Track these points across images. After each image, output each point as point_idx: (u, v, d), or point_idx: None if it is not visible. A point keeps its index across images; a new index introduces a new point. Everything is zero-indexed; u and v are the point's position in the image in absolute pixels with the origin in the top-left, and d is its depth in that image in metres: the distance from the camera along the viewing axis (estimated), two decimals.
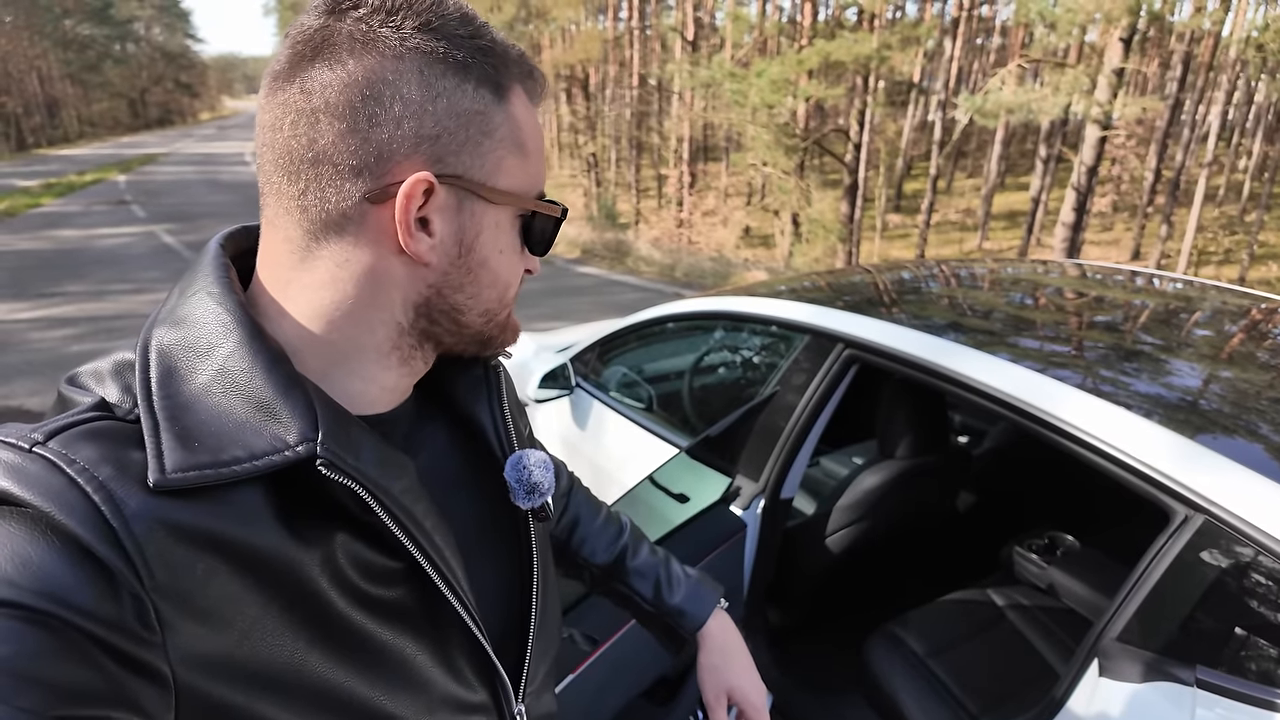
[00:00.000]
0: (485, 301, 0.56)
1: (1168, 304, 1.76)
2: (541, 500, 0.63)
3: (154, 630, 0.40)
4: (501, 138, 0.51)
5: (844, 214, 16.27)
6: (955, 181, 31.01)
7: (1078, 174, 11.60)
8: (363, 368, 0.54)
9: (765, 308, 1.82)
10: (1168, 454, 1.08)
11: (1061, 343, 1.49)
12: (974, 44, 28.30)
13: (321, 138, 0.47)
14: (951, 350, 1.39)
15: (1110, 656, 1.08)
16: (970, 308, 1.73)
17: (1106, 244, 23.10)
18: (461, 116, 0.49)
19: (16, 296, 7.52)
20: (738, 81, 13.96)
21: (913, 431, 1.78)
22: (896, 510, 1.74)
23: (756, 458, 1.69)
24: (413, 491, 0.52)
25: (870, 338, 1.53)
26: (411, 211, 0.48)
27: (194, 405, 0.45)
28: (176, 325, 0.49)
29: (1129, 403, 1.18)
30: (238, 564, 0.43)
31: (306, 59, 0.48)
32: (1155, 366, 1.34)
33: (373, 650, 0.49)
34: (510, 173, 0.53)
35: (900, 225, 25.53)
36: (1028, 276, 2.01)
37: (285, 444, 0.45)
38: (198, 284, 0.51)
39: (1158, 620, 1.06)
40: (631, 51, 24.61)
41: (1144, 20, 9.90)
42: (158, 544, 0.40)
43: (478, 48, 0.50)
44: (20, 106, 40.96)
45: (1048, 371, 1.28)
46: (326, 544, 0.47)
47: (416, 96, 0.48)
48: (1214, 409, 1.19)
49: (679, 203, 21.64)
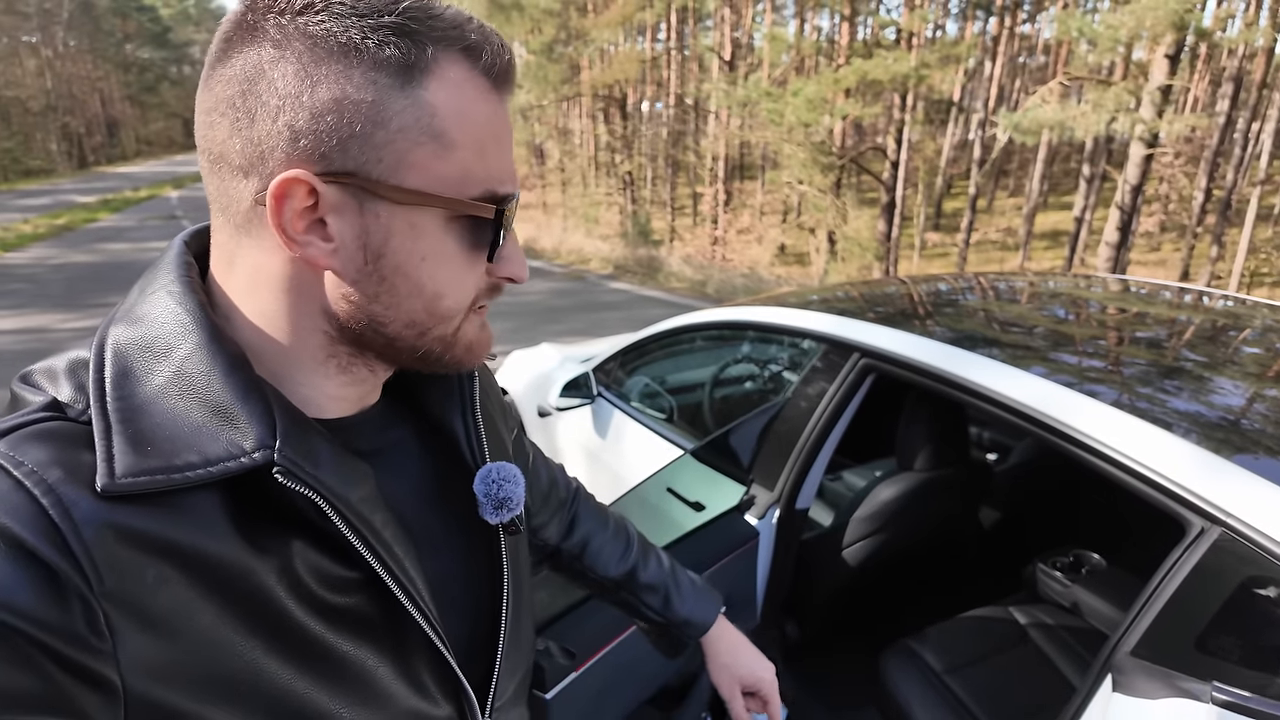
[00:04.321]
0: (409, 313, 0.50)
1: (1193, 317, 1.71)
2: (510, 515, 0.60)
3: (103, 637, 0.39)
4: (402, 128, 0.45)
5: (881, 232, 16.16)
6: (997, 200, 30.57)
7: (1122, 192, 11.36)
8: (304, 375, 0.51)
9: (784, 317, 1.82)
10: (1185, 465, 1.05)
11: (1080, 355, 1.46)
12: (1017, 62, 27.99)
13: (216, 135, 0.45)
14: (968, 360, 1.37)
15: (1124, 672, 1.05)
16: (990, 319, 1.70)
17: (1153, 264, 22.53)
18: (345, 106, 0.43)
19: (67, 307, 7.83)
20: (774, 100, 13.99)
21: (931, 444, 1.75)
22: (915, 523, 1.72)
23: (772, 467, 1.68)
24: (371, 500, 0.50)
25: (887, 347, 1.52)
26: (286, 214, 0.44)
27: (149, 408, 0.44)
28: (134, 324, 0.47)
29: (1147, 414, 1.15)
30: (191, 571, 0.42)
31: (216, 55, 0.45)
32: (1175, 379, 1.31)
33: (333, 661, 0.48)
34: (422, 168, 0.46)
35: (939, 244, 25.23)
36: (1053, 289, 1.97)
37: (241, 450, 0.44)
38: (158, 282, 0.49)
39: (1173, 635, 1.03)
40: (669, 72, 24.81)
41: (1191, 37, 9.68)
42: (107, 549, 0.39)
43: (379, 25, 0.44)
44: (83, 126, 42.75)
45: (1063, 382, 1.26)
46: (283, 551, 0.46)
47: (291, 88, 0.43)
48: (1233, 421, 1.16)
49: (714, 220, 21.66)
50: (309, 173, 0.44)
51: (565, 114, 26.61)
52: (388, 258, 0.47)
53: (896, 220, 16.27)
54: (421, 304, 0.50)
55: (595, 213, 21.50)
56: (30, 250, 11.97)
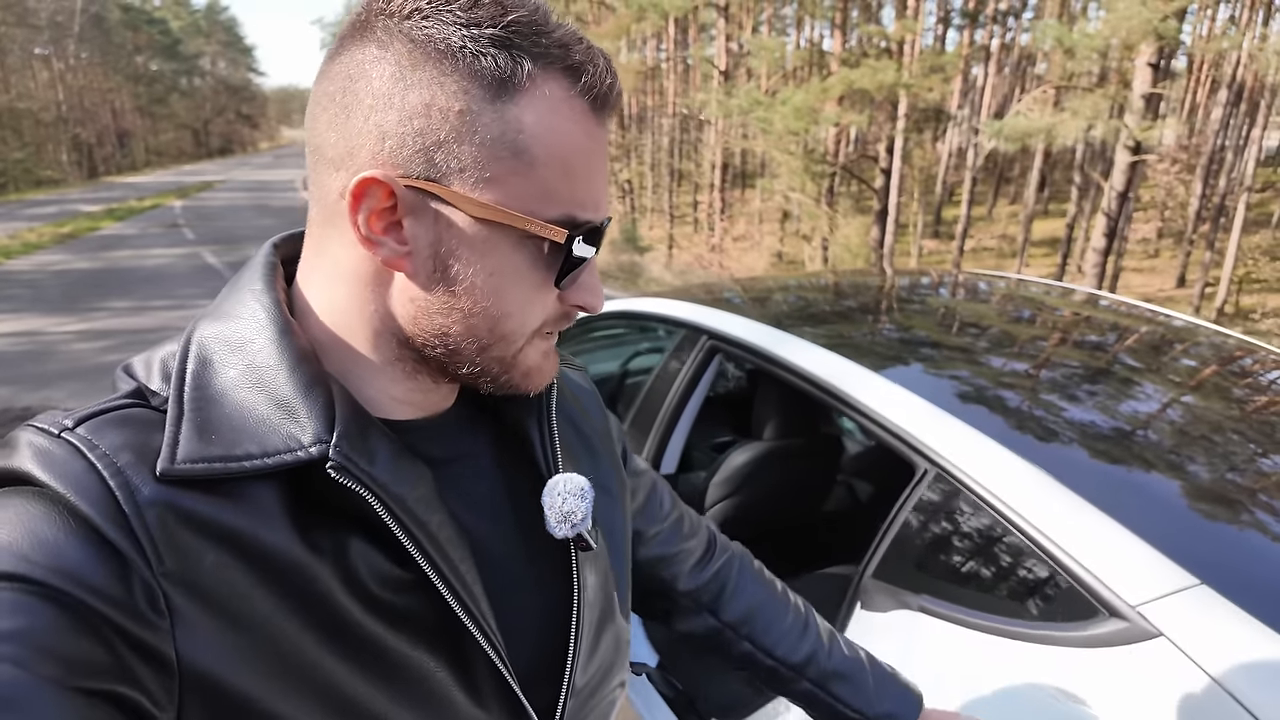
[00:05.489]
0: (471, 328, 0.50)
1: (987, 301, 1.96)
2: (576, 530, 0.57)
3: (163, 615, 0.40)
4: (488, 141, 0.45)
5: (875, 239, 16.34)
6: (997, 207, 30.70)
7: (1109, 199, 11.52)
8: (370, 374, 0.52)
9: (655, 307, 2.02)
10: (917, 418, 1.24)
11: (874, 334, 1.69)
12: (1019, 70, 28.14)
13: (317, 127, 0.48)
14: (780, 338, 1.57)
15: (867, 592, 1.23)
16: (821, 306, 1.95)
17: (1150, 271, 22.62)
18: (433, 112, 0.44)
19: (67, 311, 8.10)
20: (764, 109, 14.23)
21: (779, 416, 1.95)
22: (765, 487, 1.90)
23: (640, 437, 1.88)
24: (428, 502, 0.50)
25: (725, 329, 1.72)
26: (363, 212, 0.46)
27: (221, 399, 0.46)
28: (219, 319, 0.49)
29: (899, 378, 1.34)
30: (248, 559, 0.43)
31: (330, 52, 0.48)
32: (937, 352, 1.54)
33: (389, 660, 0.48)
34: (501, 183, 0.45)
35: (936, 251, 25.34)
36: (898, 283, 2.20)
37: (299, 443, 0.45)
38: (244, 280, 0.52)
39: (898, 558, 1.22)
40: (668, 81, 25.12)
41: (1157, 45, 9.85)
42: (169, 531, 0.41)
43: (481, 35, 0.44)
44: (94, 137, 43.36)
45: (846, 355, 1.45)
46: (339, 547, 0.47)
47: (385, 88, 0.44)
48: (970, 384, 1.36)
49: (711, 227, 21.90)
50: (391, 174, 0.45)
51: None
52: (457, 268, 0.47)
53: (890, 227, 16.44)
54: (485, 320, 0.49)
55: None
56: (34, 257, 12.29)
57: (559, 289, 0.51)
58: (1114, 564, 0.96)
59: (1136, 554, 0.97)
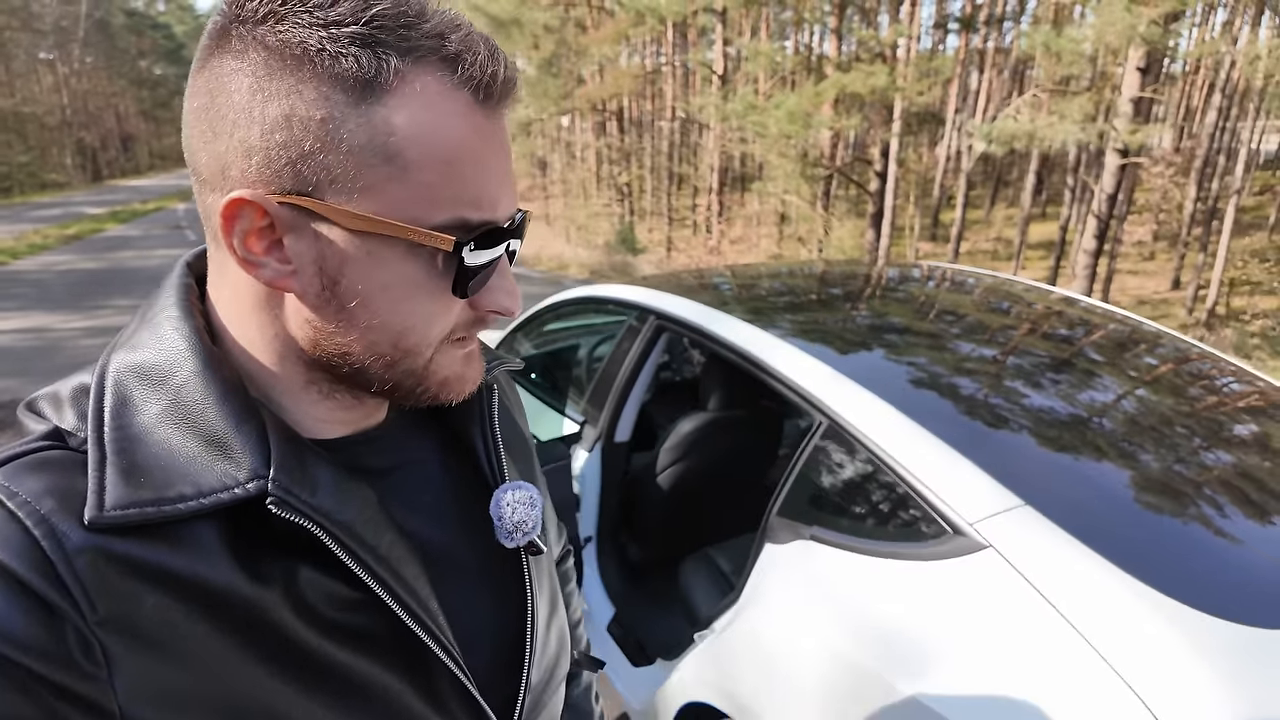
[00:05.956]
0: (372, 345, 0.47)
1: (903, 287, 2.19)
2: (526, 539, 0.58)
3: (99, 665, 0.39)
4: (356, 149, 0.42)
5: (870, 242, 16.53)
6: (995, 210, 30.89)
7: (1098, 201, 11.71)
8: (289, 399, 0.50)
9: (613, 292, 2.22)
10: (817, 378, 1.44)
11: (791, 310, 1.92)
12: (1017, 75, 28.33)
13: (191, 145, 0.45)
14: (715, 317, 1.77)
15: (773, 527, 1.42)
16: (756, 290, 2.18)
17: (1146, 274, 22.79)
18: (294, 123, 0.41)
19: (73, 309, 8.33)
20: (758, 114, 14.44)
21: (723, 389, 2.14)
22: (711, 453, 2.09)
23: (597, 409, 2.07)
24: (376, 524, 0.49)
25: (669, 310, 1.92)
26: (237, 234, 0.44)
27: (146, 437, 0.44)
28: (134, 350, 0.47)
29: (806, 347, 1.54)
30: (191, 599, 0.42)
31: (194, 64, 0.45)
32: (844, 325, 1.77)
33: (352, 683, 0.47)
34: (376, 191, 0.43)
35: (931, 254, 25.54)
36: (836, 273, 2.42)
37: (235, 480, 0.44)
38: (157, 306, 0.49)
39: (797, 498, 1.41)
40: (667, 86, 25.36)
41: (1146, 49, 10.04)
42: (101, 578, 0.40)
43: (339, 35, 0.41)
44: (98, 140, 43.71)
45: (768, 330, 1.65)
46: (289, 577, 0.46)
47: (245, 101, 0.41)
48: (866, 351, 1.57)
49: (709, 230, 22.11)
50: (260, 193, 0.42)
51: (570, 128, 27.19)
52: (345, 285, 0.45)
53: (885, 230, 16.62)
54: (385, 336, 0.47)
55: (593, 223, 22.01)
56: (40, 258, 12.53)
57: (461, 297, 0.48)
58: (957, 490, 1.16)
59: (975, 482, 1.16)
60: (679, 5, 15.48)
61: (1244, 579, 1.09)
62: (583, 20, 21.36)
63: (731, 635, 1.42)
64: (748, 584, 1.43)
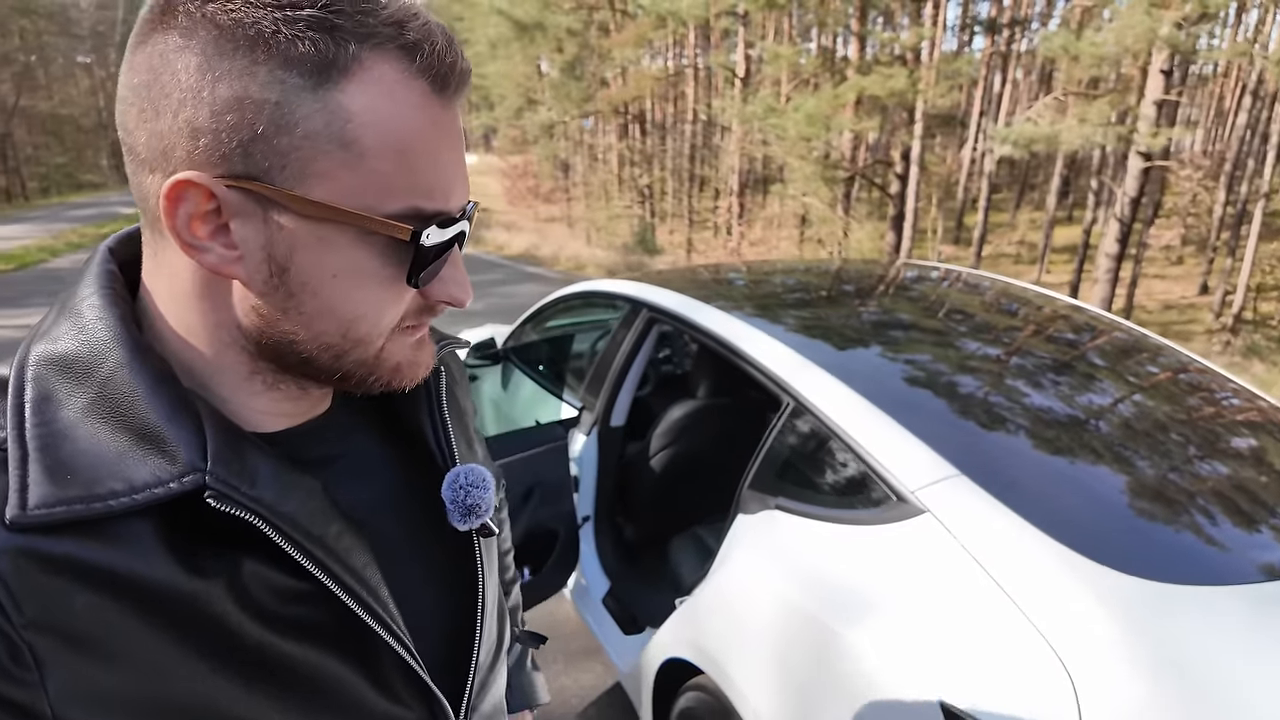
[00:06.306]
0: (321, 334, 0.46)
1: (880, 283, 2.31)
2: (480, 521, 0.58)
3: (28, 668, 0.38)
4: (311, 134, 0.41)
5: (891, 244, 16.54)
6: (1021, 214, 30.64)
7: (1121, 205, 11.66)
8: (230, 390, 0.49)
9: (608, 286, 2.38)
10: (785, 363, 1.57)
11: (773, 302, 2.04)
12: (1045, 77, 28.09)
13: (126, 122, 0.43)
14: (699, 307, 1.90)
15: (744, 500, 1.55)
16: (740, 285, 2.31)
17: (1173, 279, 22.51)
18: (246, 106, 0.40)
19: None
20: (778, 116, 14.52)
21: (709, 378, 2.28)
22: (699, 438, 2.22)
23: (594, 395, 2.21)
24: (322, 513, 0.49)
25: (658, 302, 2.06)
26: (181, 218, 0.42)
27: (71, 433, 0.42)
28: (55, 341, 0.45)
29: (778, 335, 1.67)
30: (126, 597, 0.41)
31: (133, 39, 0.43)
32: (816, 316, 1.91)
33: (298, 673, 0.47)
34: (329, 178, 0.42)
35: (955, 256, 25.41)
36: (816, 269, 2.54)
37: (170, 475, 0.42)
38: (78, 295, 0.47)
39: (765, 472, 1.54)
40: (689, 88, 25.47)
41: (1169, 52, 10.00)
42: (27, 579, 0.38)
43: (296, 18, 0.40)
44: None
45: (742, 318, 1.78)
46: (231, 570, 0.44)
47: (192, 81, 0.40)
48: (833, 339, 1.70)
49: (728, 231, 22.21)
50: (207, 175, 0.41)
51: (593, 131, 27.42)
52: (294, 272, 0.44)
53: (906, 233, 16.60)
54: (334, 325, 0.46)
55: (614, 225, 22.18)
56: (77, 256, 12.94)
57: (414, 286, 0.47)
58: (901, 461, 1.28)
59: (917, 454, 1.28)
60: (700, 8, 15.60)
61: (1153, 539, 1.21)
62: (605, 23, 21.56)
63: (704, 597, 1.56)
64: (720, 551, 1.56)
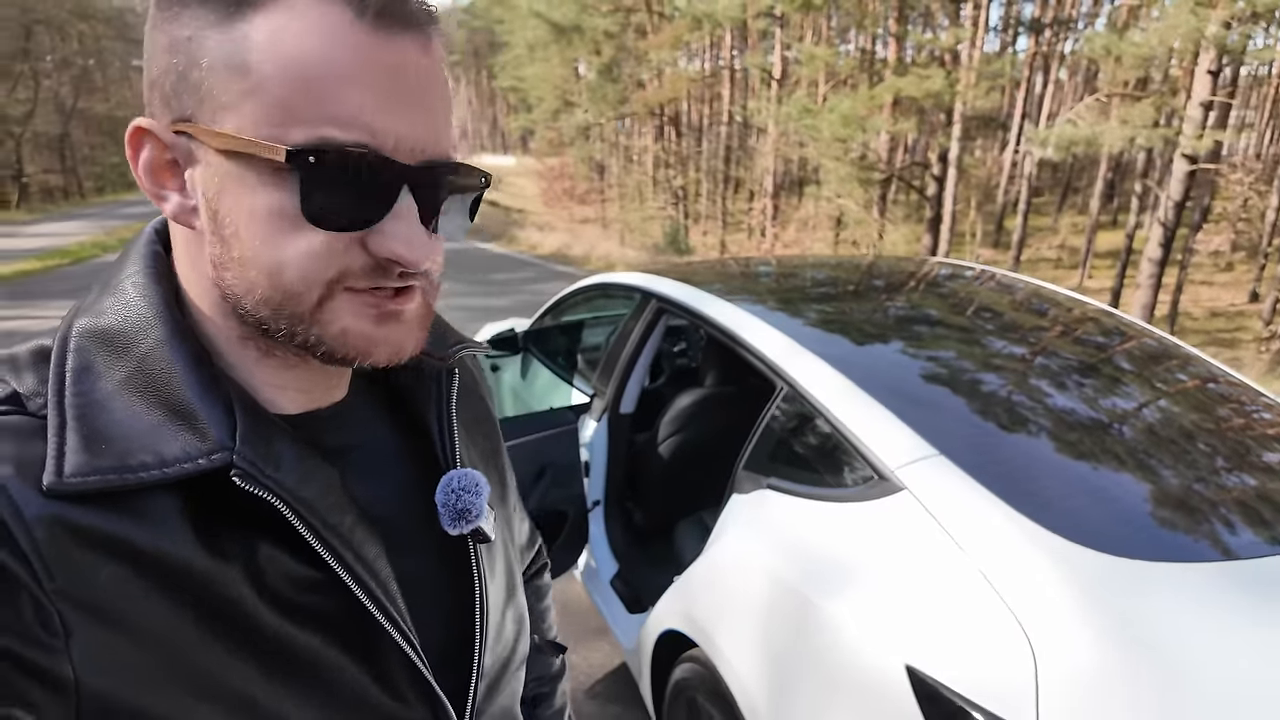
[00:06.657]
0: (251, 284, 0.44)
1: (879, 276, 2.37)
2: (470, 526, 0.58)
3: (56, 634, 0.39)
4: (217, 65, 0.41)
5: (927, 246, 16.37)
6: (1063, 217, 30.05)
7: (1164, 209, 11.41)
8: (234, 359, 0.49)
9: (620, 278, 2.46)
10: (779, 348, 1.63)
11: (774, 293, 2.12)
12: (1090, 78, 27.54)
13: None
14: (703, 297, 1.97)
15: (739, 480, 1.62)
16: (741, 277, 2.40)
17: (1221, 285, 21.89)
18: (174, 49, 0.42)
19: None
20: (812, 117, 14.48)
21: (716, 367, 2.34)
22: (705, 425, 2.28)
23: (605, 382, 2.29)
24: (338, 504, 0.49)
25: (666, 292, 2.13)
26: (141, 165, 0.44)
27: (108, 404, 0.43)
28: (99, 316, 0.46)
29: (774, 322, 1.73)
30: (149, 571, 0.41)
31: None
32: (812, 305, 1.98)
33: (305, 661, 0.47)
34: (234, 110, 0.41)
35: (993, 260, 25.02)
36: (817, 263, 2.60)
37: (199, 451, 0.43)
38: (125, 272, 0.48)
39: (759, 453, 1.60)
40: (724, 90, 25.48)
41: (1217, 52, 9.76)
42: (59, 547, 0.39)
43: None
44: None
45: (745, 309, 1.84)
46: (249, 553, 0.45)
47: (149, 37, 0.44)
48: (825, 327, 1.77)
49: (762, 232, 22.16)
50: (157, 123, 0.43)
51: (628, 132, 27.55)
52: (222, 215, 0.43)
53: (944, 235, 16.42)
54: (260, 274, 0.43)
55: (647, 226, 22.28)
56: None
57: (314, 224, 0.42)
58: (883, 441, 1.34)
59: (899, 434, 1.33)
60: (736, 10, 15.63)
61: (1122, 517, 1.25)
62: (642, 25, 21.66)
63: (697, 572, 1.62)
64: (715, 529, 1.63)
